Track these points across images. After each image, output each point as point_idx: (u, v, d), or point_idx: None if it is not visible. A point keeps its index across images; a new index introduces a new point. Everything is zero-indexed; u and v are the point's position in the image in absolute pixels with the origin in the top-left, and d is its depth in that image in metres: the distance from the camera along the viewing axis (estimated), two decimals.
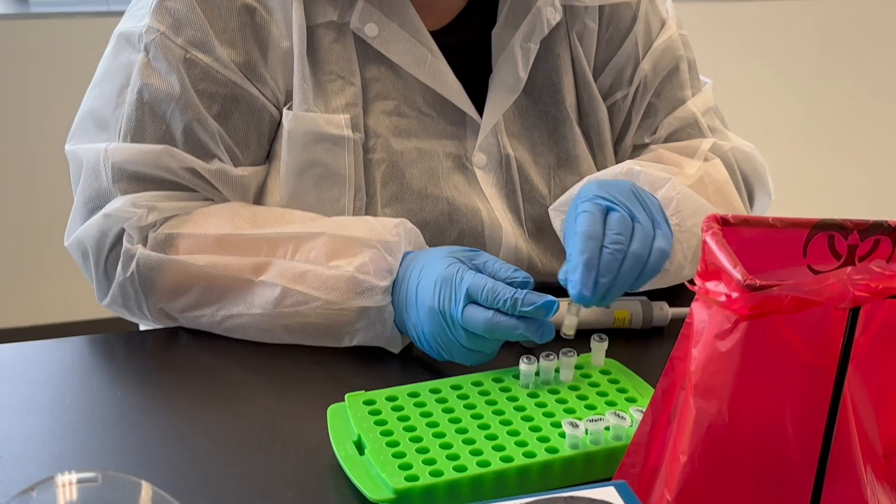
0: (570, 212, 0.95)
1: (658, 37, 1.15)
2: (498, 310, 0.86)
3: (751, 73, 2.88)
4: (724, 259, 0.58)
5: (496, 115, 1.08)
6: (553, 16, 1.08)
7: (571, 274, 0.88)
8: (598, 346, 0.89)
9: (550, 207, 1.05)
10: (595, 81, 1.14)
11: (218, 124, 1.00)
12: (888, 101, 3.06)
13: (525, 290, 0.86)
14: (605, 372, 0.88)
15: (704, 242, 0.60)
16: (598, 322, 1.00)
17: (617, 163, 1.15)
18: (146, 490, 0.50)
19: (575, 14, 1.11)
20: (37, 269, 2.50)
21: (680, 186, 1.01)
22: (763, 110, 2.89)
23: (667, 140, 1.15)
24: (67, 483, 0.48)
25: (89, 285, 1.04)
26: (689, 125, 1.16)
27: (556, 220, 1.03)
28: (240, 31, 1.00)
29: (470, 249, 0.93)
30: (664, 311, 1.02)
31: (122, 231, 0.98)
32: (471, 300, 0.87)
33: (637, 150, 1.16)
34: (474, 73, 1.09)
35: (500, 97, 1.08)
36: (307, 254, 0.96)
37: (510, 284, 0.86)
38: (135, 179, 0.99)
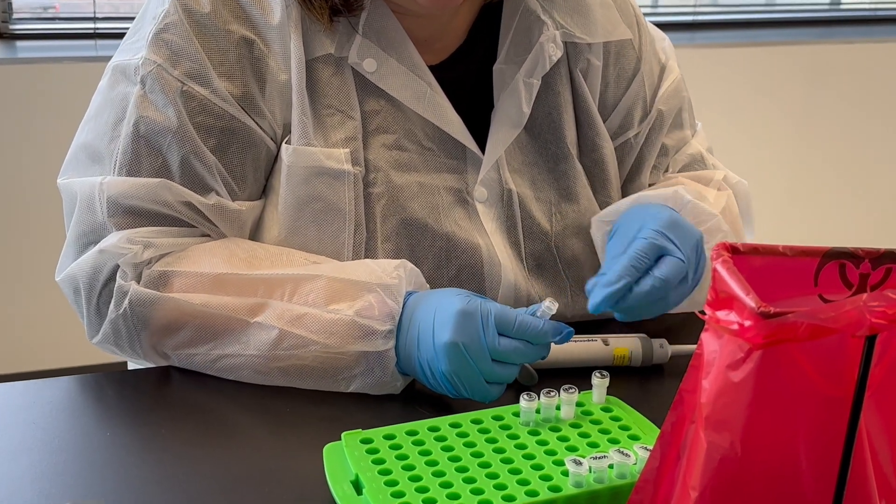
0: (625, 229, 0.98)
1: (665, 78, 1.18)
2: (526, 340, 0.89)
3: (736, 117, 2.90)
4: (736, 287, 0.57)
5: (499, 150, 1.08)
6: (555, 52, 1.08)
7: (604, 287, 0.91)
8: (600, 383, 0.87)
9: (595, 217, 1.09)
10: (605, 120, 1.14)
11: (215, 157, 0.99)
12: (873, 145, 3.09)
13: (544, 320, 0.89)
14: (606, 409, 0.87)
15: (715, 270, 0.59)
16: (596, 359, 0.99)
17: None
18: None
19: (578, 51, 1.11)
20: (23, 314, 2.47)
21: (724, 225, 1.05)
22: (748, 153, 2.90)
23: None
24: None
25: (76, 331, 1.02)
26: (696, 161, 1.20)
27: (599, 232, 1.08)
28: (238, 64, 0.99)
29: (479, 294, 0.92)
30: (664, 349, 1.01)
31: (117, 267, 0.97)
32: (499, 332, 0.88)
33: (651, 187, 1.18)
34: (474, 107, 1.08)
35: (504, 132, 1.08)
36: (305, 296, 0.95)
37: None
38: (130, 213, 0.98)
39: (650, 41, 1.18)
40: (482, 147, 1.07)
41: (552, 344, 0.91)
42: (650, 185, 1.17)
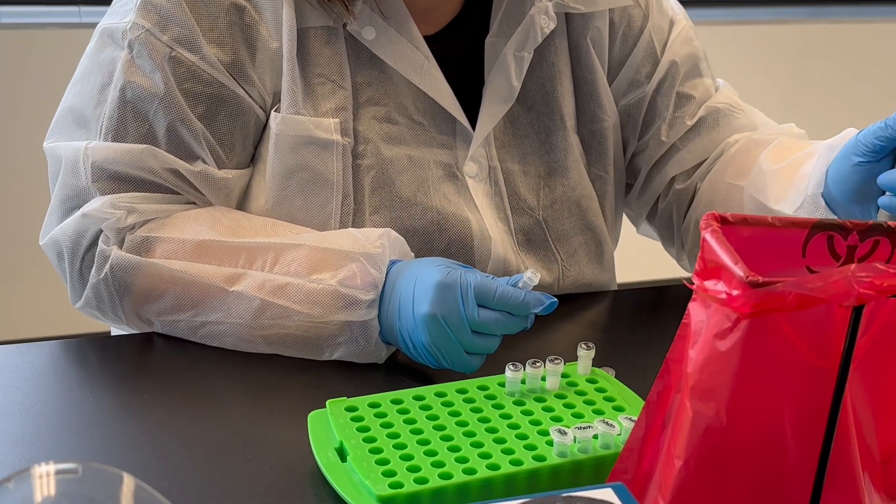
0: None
1: (672, 30, 1.16)
2: (507, 311, 0.88)
3: None
4: (724, 256, 0.57)
5: (489, 126, 1.07)
6: (547, 24, 1.07)
7: None
8: (585, 355, 0.87)
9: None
10: (612, 81, 1.13)
11: (202, 125, 0.98)
12: (861, 124, 3.09)
13: (525, 291, 0.88)
14: (591, 381, 0.87)
15: (704, 240, 0.59)
16: None
17: (631, 165, 1.18)
18: (128, 482, 0.48)
19: (585, 20, 1.10)
20: (5, 282, 2.45)
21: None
22: None
23: (711, 125, 1.15)
24: (45, 474, 0.45)
25: (60, 300, 1.02)
26: (735, 108, 1.17)
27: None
28: (228, 30, 0.98)
29: (461, 264, 0.92)
30: None
31: (100, 232, 0.96)
32: (479, 303, 0.87)
33: (683, 140, 1.15)
34: (466, 81, 1.07)
35: (494, 107, 1.07)
36: (287, 266, 0.94)
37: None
38: (115, 179, 0.97)
39: (666, 12, 1.16)
40: (473, 122, 1.07)
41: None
42: (673, 144, 1.15)
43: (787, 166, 1.05)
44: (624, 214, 1.26)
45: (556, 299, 0.89)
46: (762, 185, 1.06)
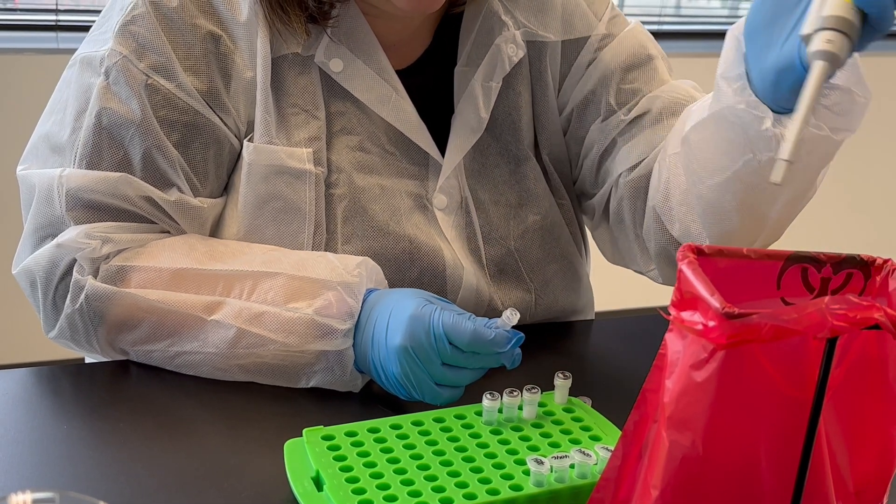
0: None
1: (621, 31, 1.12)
2: (475, 351, 0.87)
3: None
4: (701, 288, 0.58)
5: (457, 157, 1.07)
6: (515, 52, 1.08)
7: None
8: (562, 384, 0.88)
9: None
10: (566, 104, 1.13)
11: (178, 152, 0.98)
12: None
13: (495, 330, 0.87)
14: (567, 410, 0.87)
15: (680, 271, 0.60)
16: None
17: (575, 180, 1.15)
18: None
19: (546, 46, 1.10)
20: None
21: None
22: None
23: (665, 116, 1.08)
24: (22, 503, 0.45)
25: (32, 327, 1.01)
26: (688, 98, 1.08)
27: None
28: (204, 59, 0.98)
29: (440, 298, 0.92)
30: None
31: (74, 262, 0.95)
32: (450, 340, 0.87)
33: (624, 133, 1.09)
34: (438, 112, 1.08)
35: (462, 138, 1.07)
36: (265, 294, 0.94)
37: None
38: (89, 208, 0.97)
39: (623, 23, 1.13)
40: (445, 153, 1.07)
41: None
42: (615, 139, 1.09)
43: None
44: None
45: (522, 334, 0.88)
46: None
